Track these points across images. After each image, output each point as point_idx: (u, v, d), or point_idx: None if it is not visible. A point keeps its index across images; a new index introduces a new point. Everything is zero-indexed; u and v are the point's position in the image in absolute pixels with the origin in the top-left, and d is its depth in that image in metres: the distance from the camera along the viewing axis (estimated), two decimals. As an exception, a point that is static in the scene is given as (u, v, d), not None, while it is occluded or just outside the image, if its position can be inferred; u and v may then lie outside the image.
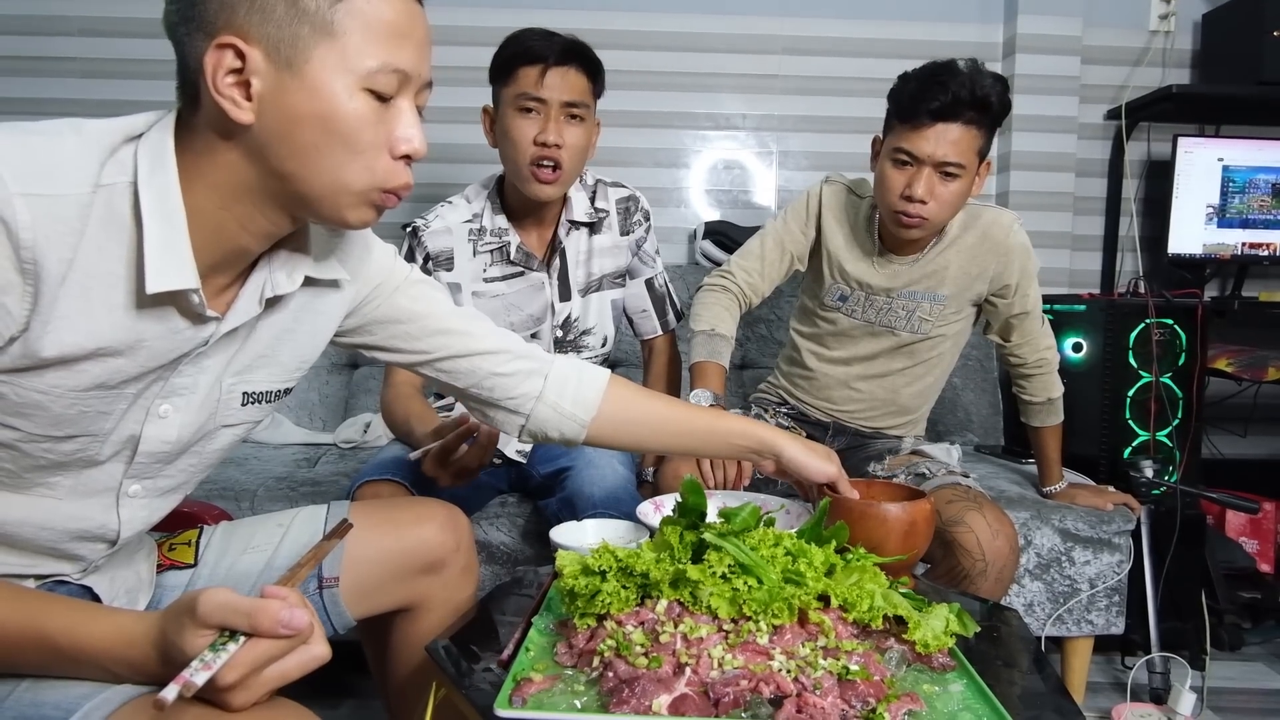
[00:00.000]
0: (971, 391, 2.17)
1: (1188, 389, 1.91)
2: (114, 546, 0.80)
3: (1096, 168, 2.45)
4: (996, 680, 0.75)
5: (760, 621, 0.76)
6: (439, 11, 2.31)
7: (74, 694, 0.64)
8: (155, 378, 0.72)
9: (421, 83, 0.72)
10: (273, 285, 0.75)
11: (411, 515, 1.01)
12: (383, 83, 0.68)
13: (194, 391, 0.75)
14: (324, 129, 0.67)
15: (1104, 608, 1.63)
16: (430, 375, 0.97)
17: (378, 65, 0.67)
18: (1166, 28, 2.41)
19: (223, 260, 0.72)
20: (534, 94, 1.34)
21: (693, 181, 2.46)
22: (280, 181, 0.69)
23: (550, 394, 0.99)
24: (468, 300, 1.47)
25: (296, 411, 2.11)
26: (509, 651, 0.78)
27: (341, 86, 0.67)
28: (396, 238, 2.32)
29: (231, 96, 0.65)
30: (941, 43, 2.38)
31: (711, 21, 2.39)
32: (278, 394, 0.83)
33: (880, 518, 0.98)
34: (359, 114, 0.68)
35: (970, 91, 1.31)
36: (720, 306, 1.55)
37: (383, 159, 0.70)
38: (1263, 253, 2.28)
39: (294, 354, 0.83)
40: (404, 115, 0.71)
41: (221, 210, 0.69)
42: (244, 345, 0.78)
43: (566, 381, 0.99)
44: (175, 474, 0.80)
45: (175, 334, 0.71)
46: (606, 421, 1.01)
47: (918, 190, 1.35)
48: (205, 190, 0.68)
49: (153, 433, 0.74)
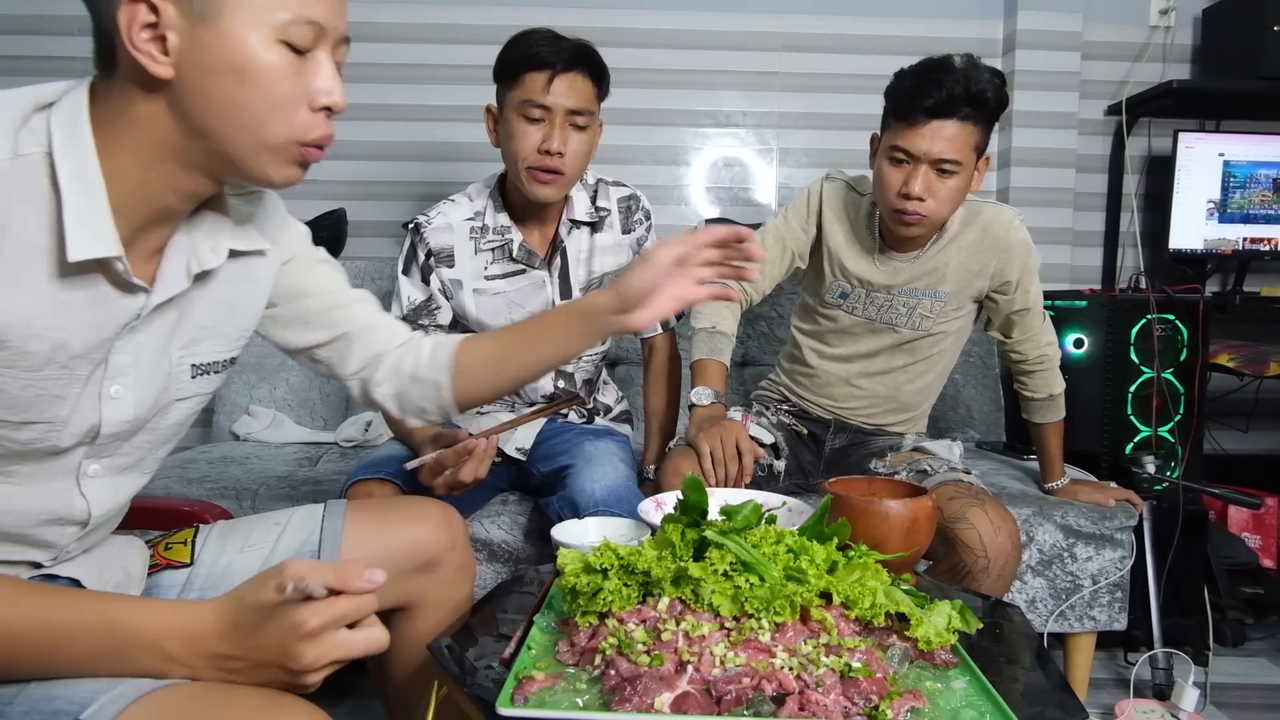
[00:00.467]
0: (973, 388, 2.17)
1: (1189, 384, 1.91)
2: (86, 529, 0.80)
3: (1097, 163, 2.44)
4: (999, 677, 0.75)
5: (762, 619, 0.76)
6: (440, 10, 2.34)
7: (87, 689, 0.64)
8: (101, 358, 0.73)
9: (337, 37, 0.73)
10: (198, 260, 0.77)
11: (406, 514, 1.02)
12: (297, 35, 0.69)
13: (139, 368, 0.76)
14: (240, 81, 0.67)
15: (1106, 604, 1.63)
16: (325, 358, 0.98)
17: (290, 17, 0.68)
18: (1167, 23, 2.40)
19: (149, 221, 0.72)
20: (539, 101, 1.33)
21: (693, 179, 2.46)
22: (202, 138, 0.69)
23: (407, 365, 1.00)
24: (469, 297, 1.47)
25: (298, 411, 2.11)
26: (511, 650, 0.78)
27: (256, 38, 0.67)
28: (398, 235, 2.34)
29: (149, 51, 0.66)
30: (942, 39, 2.38)
31: (711, 19, 2.39)
32: (224, 363, 0.85)
33: (882, 515, 0.97)
34: (275, 65, 0.68)
35: (965, 88, 1.30)
36: (721, 304, 1.55)
37: (301, 111, 0.71)
38: (1264, 248, 2.28)
39: (234, 324, 0.85)
40: (321, 68, 0.72)
41: (145, 170, 0.70)
42: (184, 318, 0.79)
43: (421, 353, 1.00)
44: (133, 451, 0.80)
45: (105, 303, 0.71)
46: (464, 372, 0.99)
47: (915, 188, 1.35)
48: (127, 152, 0.69)
49: (110, 415, 0.75)
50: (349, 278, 1.02)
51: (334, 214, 2.28)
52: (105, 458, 0.78)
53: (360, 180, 2.39)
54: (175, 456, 1.77)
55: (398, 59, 2.35)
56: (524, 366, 1.01)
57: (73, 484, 0.77)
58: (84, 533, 0.81)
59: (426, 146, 2.39)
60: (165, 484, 1.62)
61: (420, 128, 2.38)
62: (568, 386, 1.57)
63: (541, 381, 1.55)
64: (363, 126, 2.37)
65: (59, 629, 0.65)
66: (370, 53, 2.34)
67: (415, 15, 2.35)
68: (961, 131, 1.33)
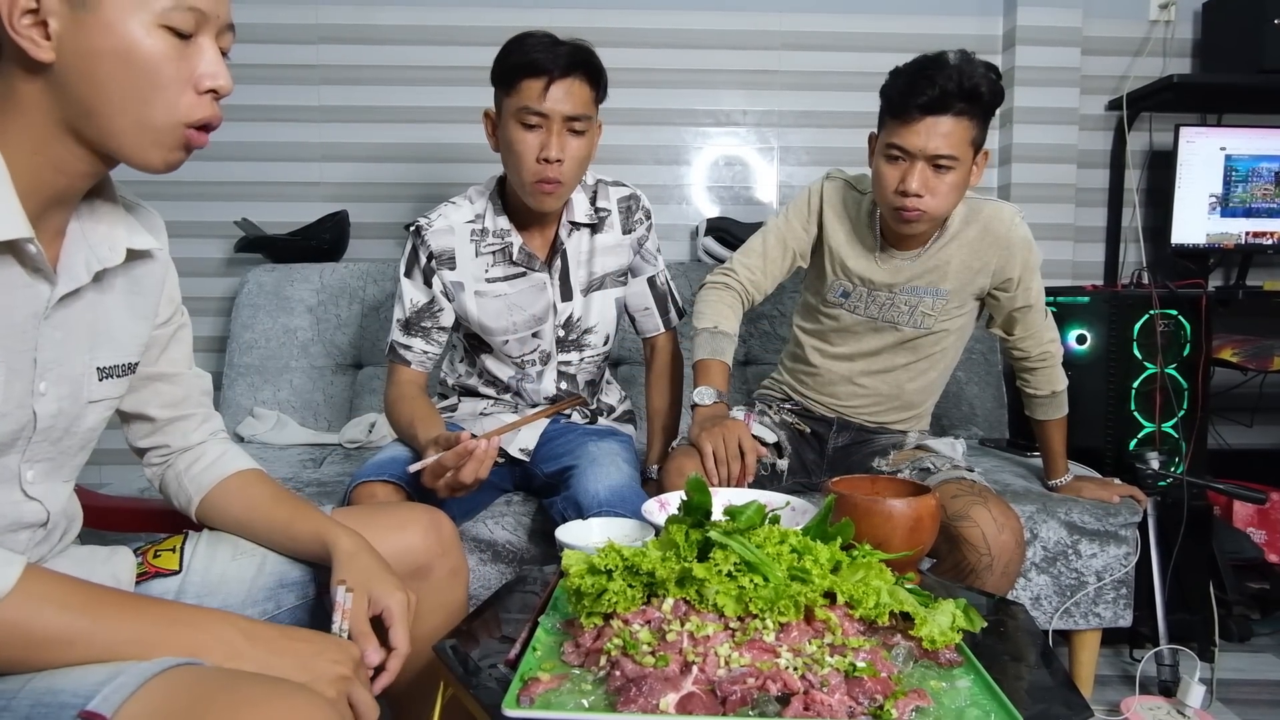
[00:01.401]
0: (976, 385, 2.17)
1: (1193, 380, 1.90)
2: (47, 528, 0.83)
3: (1098, 159, 2.44)
4: (1004, 675, 0.75)
5: (766, 619, 0.76)
6: (439, 12, 2.34)
7: (90, 680, 0.65)
8: (24, 351, 0.74)
9: (222, 24, 0.74)
10: (98, 259, 0.79)
11: (393, 521, 1.02)
12: (179, 20, 0.70)
13: (60, 365, 0.78)
14: (123, 65, 0.69)
15: (1111, 600, 1.63)
16: (127, 414, 0.97)
17: (171, 3, 0.70)
18: (1166, 17, 2.40)
19: (46, 206, 0.74)
20: (537, 108, 1.32)
21: (694, 178, 2.46)
22: (86, 119, 0.71)
23: (180, 464, 0.99)
24: (470, 299, 1.47)
25: (301, 412, 2.12)
26: (516, 651, 0.78)
27: (137, 24, 0.69)
28: (400, 237, 2.35)
29: (30, 36, 0.67)
30: (941, 36, 2.37)
31: (710, 18, 2.39)
32: (125, 368, 0.87)
33: (885, 514, 0.98)
34: (158, 50, 0.70)
35: (958, 84, 1.30)
36: (723, 304, 1.55)
37: (186, 95, 0.72)
38: (1267, 241, 2.27)
39: (129, 331, 0.86)
40: (205, 52, 0.73)
41: (35, 155, 0.71)
42: (87, 320, 0.80)
43: (196, 463, 0.99)
44: (60, 456, 0.82)
45: (12, 289, 0.72)
46: (210, 509, 0.98)
47: (912, 184, 1.35)
48: (19, 137, 0.71)
49: (41, 409, 0.77)
50: (346, 281, 1.02)
51: (336, 216, 2.28)
52: (38, 462, 0.80)
53: (361, 182, 2.39)
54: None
55: (398, 61, 2.36)
56: (253, 537, 0.98)
57: (16, 489, 0.79)
58: (46, 534, 0.83)
59: (427, 148, 2.39)
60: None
61: (421, 129, 2.38)
62: (570, 388, 1.57)
63: (544, 383, 1.55)
64: (363, 129, 2.37)
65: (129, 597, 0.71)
66: (370, 55, 2.35)
67: (414, 17, 2.35)
68: (957, 127, 1.33)
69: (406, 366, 1.48)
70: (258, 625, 0.76)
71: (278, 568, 0.96)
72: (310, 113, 2.36)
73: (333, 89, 2.35)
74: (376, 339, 2.16)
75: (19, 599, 0.65)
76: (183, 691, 0.64)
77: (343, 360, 2.19)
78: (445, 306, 1.48)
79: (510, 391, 1.57)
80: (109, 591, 0.73)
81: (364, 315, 2.18)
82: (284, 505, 0.97)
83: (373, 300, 2.18)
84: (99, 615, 0.68)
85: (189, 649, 0.70)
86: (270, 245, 2.24)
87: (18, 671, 0.67)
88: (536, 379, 1.55)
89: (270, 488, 1.00)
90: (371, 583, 0.87)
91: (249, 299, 2.16)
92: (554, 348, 1.53)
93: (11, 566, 0.66)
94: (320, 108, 2.35)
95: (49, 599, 0.67)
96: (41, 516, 0.81)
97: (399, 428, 1.44)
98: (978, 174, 1.41)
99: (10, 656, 0.66)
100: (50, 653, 0.66)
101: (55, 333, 0.77)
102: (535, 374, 1.55)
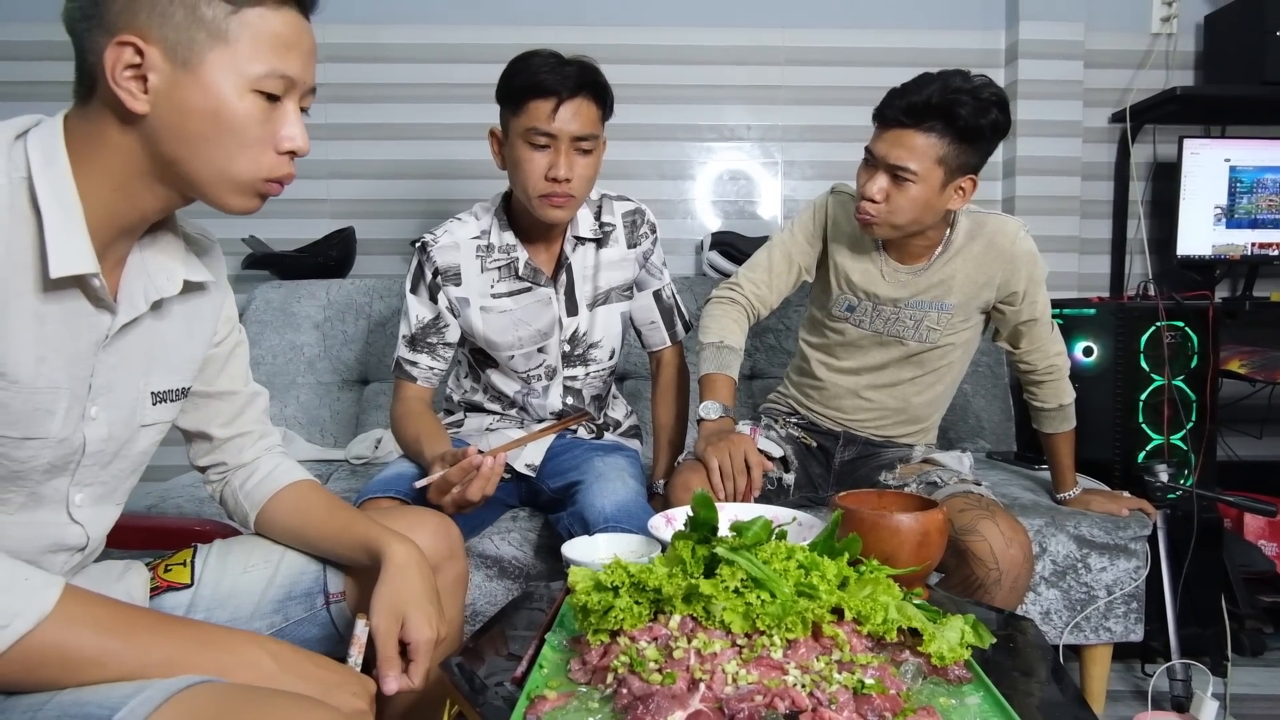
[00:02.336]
0: (983, 398, 2.16)
1: (1201, 391, 1.89)
2: (85, 552, 0.85)
3: (1103, 171, 2.44)
4: (1014, 691, 0.75)
5: (774, 636, 0.76)
6: (445, 30, 2.36)
7: (117, 694, 0.66)
8: (83, 377, 0.77)
9: (306, 88, 0.80)
10: (156, 289, 0.82)
11: (404, 524, 1.03)
12: (270, 85, 0.75)
13: (112, 391, 0.80)
14: (214, 123, 0.74)
15: (1122, 614, 1.61)
16: (187, 432, 1.00)
17: (265, 71, 0.75)
18: (1169, 30, 2.40)
19: (115, 236, 0.77)
20: (545, 129, 1.33)
21: (698, 193, 2.47)
22: (170, 165, 0.75)
23: (236, 481, 1.02)
24: (476, 315, 1.48)
25: (308, 428, 2.12)
26: (523, 668, 0.78)
27: (231, 86, 0.74)
28: (406, 253, 2.36)
29: (129, 89, 0.71)
30: (944, 50, 2.38)
31: (714, 34, 2.40)
32: (179, 392, 0.90)
33: (893, 529, 0.97)
34: (247, 112, 0.75)
35: (927, 100, 1.31)
36: (729, 319, 1.55)
37: (268, 154, 0.77)
38: (1273, 252, 2.27)
39: (184, 355, 0.89)
40: (289, 116, 0.78)
41: (114, 192, 0.75)
42: (143, 345, 0.83)
43: (250, 479, 1.01)
44: (110, 479, 0.85)
45: (78, 319, 0.76)
46: (267, 520, 1.00)
47: (872, 189, 1.37)
48: (99, 176, 0.74)
49: (91, 434, 0.79)
50: (353, 297, 1.05)
51: (343, 232, 2.30)
52: (87, 486, 0.82)
53: (368, 199, 2.41)
54: (187, 475, 1.78)
55: (404, 79, 2.38)
56: (308, 547, 1.00)
57: (63, 512, 0.81)
58: (83, 557, 0.85)
59: (433, 165, 2.40)
60: (177, 503, 1.63)
61: (427, 146, 2.40)
62: (576, 403, 1.58)
63: (550, 398, 1.55)
64: (370, 146, 2.39)
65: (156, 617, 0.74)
66: (376, 73, 2.37)
67: (420, 36, 2.37)
68: (923, 142, 1.33)
69: (412, 383, 1.48)
70: (285, 649, 0.77)
71: (286, 582, 0.97)
72: (317, 130, 2.37)
73: (339, 107, 2.37)
74: (383, 355, 2.16)
75: (58, 621, 0.67)
76: (207, 707, 0.65)
77: (349, 376, 2.19)
78: (451, 322, 1.49)
79: (516, 407, 1.58)
80: (142, 613, 0.74)
81: (370, 331, 2.19)
82: (338, 514, 0.99)
83: (379, 316, 2.19)
84: (132, 637, 0.70)
85: (218, 671, 0.71)
86: (277, 262, 2.25)
87: (51, 689, 0.68)
88: (543, 394, 1.55)
89: (324, 497, 1.02)
90: (409, 608, 0.87)
91: (256, 315, 2.17)
92: (560, 362, 1.53)
93: (51, 589, 0.68)
94: (327, 125, 2.37)
95: (86, 621, 0.68)
96: (82, 540, 0.83)
97: (405, 444, 1.44)
98: (959, 199, 1.40)
99: (47, 675, 0.67)
100: (84, 673, 0.68)
101: (111, 359, 0.79)
102: (541, 389, 1.55)
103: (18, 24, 2.30)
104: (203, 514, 1.57)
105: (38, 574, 0.69)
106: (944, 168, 1.35)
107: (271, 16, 0.75)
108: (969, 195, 1.41)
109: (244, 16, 0.73)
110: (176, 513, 1.60)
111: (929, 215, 1.40)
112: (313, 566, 0.99)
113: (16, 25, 2.30)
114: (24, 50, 2.30)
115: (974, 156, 1.36)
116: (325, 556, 0.99)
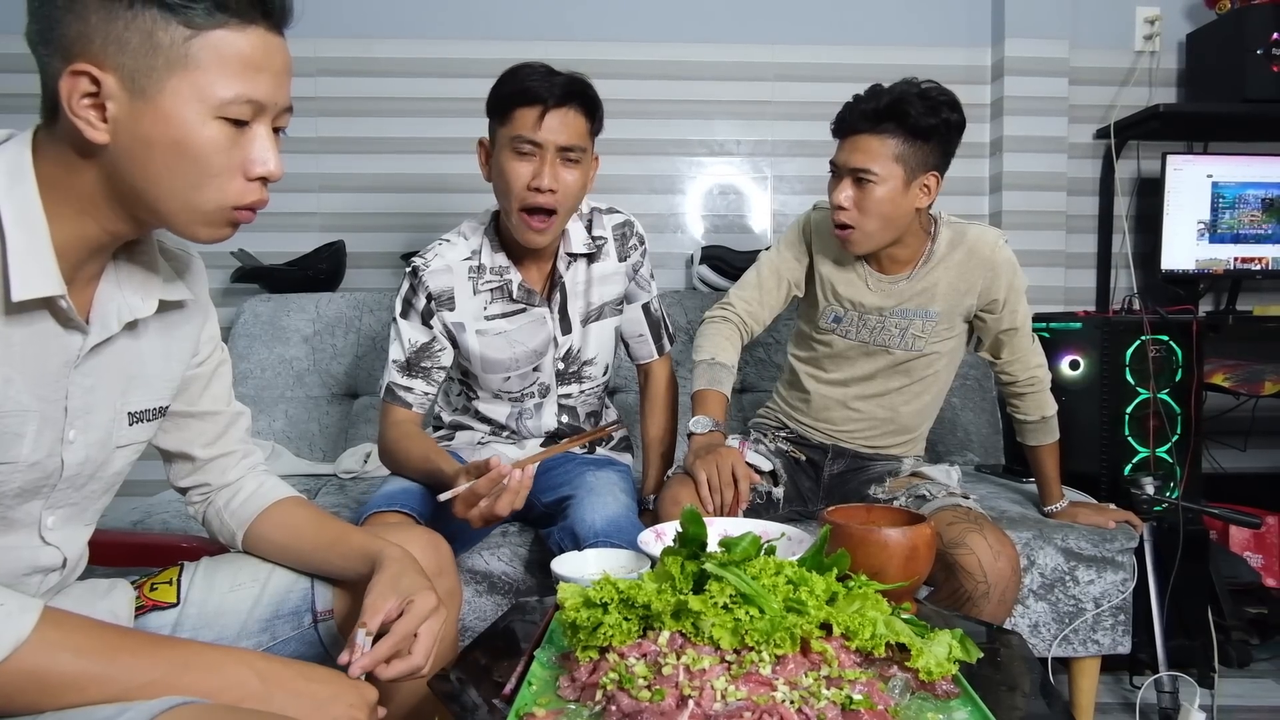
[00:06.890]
0: (971, 411, 2.18)
1: (1186, 404, 1.91)
2: (63, 572, 0.84)
3: (1088, 186, 2.47)
4: (1000, 706, 0.75)
5: (763, 651, 0.76)
6: (435, 45, 2.37)
7: (98, 716, 0.65)
8: (55, 400, 0.75)
9: (279, 109, 0.75)
10: (130, 309, 0.79)
11: (394, 540, 1.02)
12: (236, 111, 0.71)
13: (90, 413, 0.78)
14: (176, 154, 0.70)
15: (1110, 627, 1.62)
16: (168, 452, 0.98)
17: (232, 96, 0.70)
18: (1151, 48, 2.44)
19: (85, 256, 0.75)
20: (530, 137, 1.32)
21: (689, 207, 2.48)
22: (133, 195, 0.72)
23: (220, 500, 1.01)
24: (472, 338, 1.46)
25: (296, 443, 2.11)
26: (511, 686, 0.78)
27: (194, 114, 0.70)
28: (396, 266, 2.36)
29: (86, 118, 0.68)
30: (931, 66, 2.39)
31: (704, 50, 2.42)
32: (156, 412, 0.87)
33: (881, 543, 0.98)
34: (211, 140, 0.71)
35: (877, 104, 1.37)
36: (721, 336, 1.57)
37: (235, 181, 0.74)
38: (1255, 267, 2.30)
39: (161, 375, 0.87)
40: (258, 140, 0.74)
41: (82, 215, 0.73)
42: (119, 365, 0.81)
43: (235, 498, 1.00)
44: (81, 500, 0.83)
45: (45, 340, 0.73)
46: (255, 538, 0.99)
47: (840, 197, 1.41)
48: (65, 198, 0.72)
49: (69, 458, 0.77)
50: (342, 311, 1.04)
51: (333, 246, 2.29)
52: (60, 508, 0.81)
53: (358, 213, 2.41)
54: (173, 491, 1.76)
55: (395, 93, 2.38)
56: (300, 561, 0.99)
57: (35, 535, 0.79)
58: (62, 577, 0.84)
59: (424, 179, 2.41)
60: (163, 519, 1.62)
61: (417, 160, 2.40)
62: (571, 420, 1.57)
63: (544, 417, 1.55)
64: (361, 160, 2.39)
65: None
66: (367, 87, 2.38)
67: (411, 50, 2.38)
68: (879, 143, 1.38)
69: (406, 409, 1.44)
70: (274, 664, 0.75)
71: (273, 600, 0.96)
72: (308, 144, 2.38)
73: (330, 120, 2.38)
74: (372, 369, 2.16)
75: (36, 646, 0.65)
76: None
77: (338, 390, 2.19)
78: (445, 346, 1.46)
79: (507, 430, 1.57)
80: (123, 634, 0.73)
81: (360, 345, 2.18)
82: (328, 527, 0.98)
83: (369, 330, 2.19)
84: (113, 660, 0.68)
85: (203, 693, 0.69)
86: (267, 275, 2.25)
87: (30, 714, 0.67)
88: (536, 413, 1.55)
89: (312, 512, 1.01)
90: (409, 587, 0.86)
91: (245, 329, 2.17)
92: (554, 380, 1.53)
93: (28, 614, 0.66)
94: (318, 139, 2.37)
95: (64, 645, 0.67)
96: (57, 561, 0.82)
97: (409, 464, 1.39)
98: (924, 196, 1.44)
99: (25, 702, 0.66)
100: (65, 697, 0.66)
101: (86, 380, 0.77)
102: (534, 407, 1.55)
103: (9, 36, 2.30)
104: (189, 530, 1.56)
105: (14, 598, 0.67)
106: (904, 166, 1.39)
107: (236, 38, 0.70)
108: (934, 192, 1.44)
109: (206, 39, 0.69)
110: (162, 528, 1.58)
111: (900, 216, 1.43)
112: (300, 584, 0.98)
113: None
114: (7, 63, 2.30)
115: (932, 155, 1.40)
116: (318, 570, 0.98)
